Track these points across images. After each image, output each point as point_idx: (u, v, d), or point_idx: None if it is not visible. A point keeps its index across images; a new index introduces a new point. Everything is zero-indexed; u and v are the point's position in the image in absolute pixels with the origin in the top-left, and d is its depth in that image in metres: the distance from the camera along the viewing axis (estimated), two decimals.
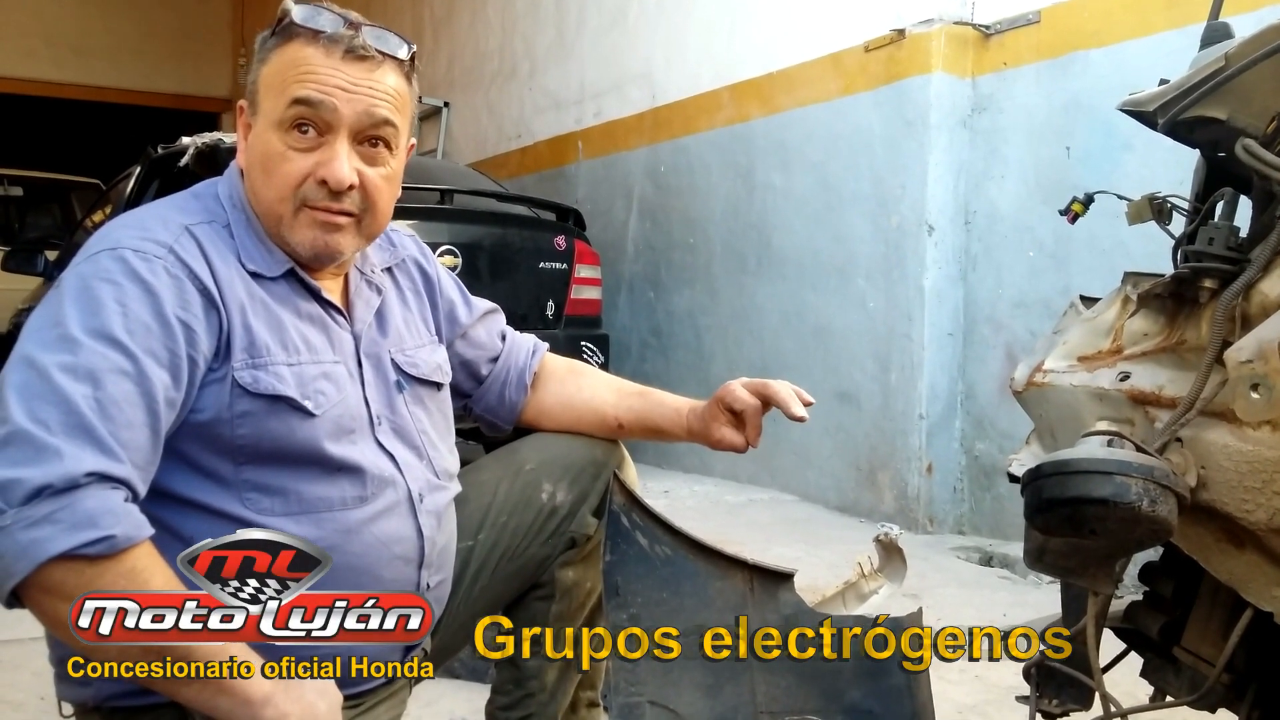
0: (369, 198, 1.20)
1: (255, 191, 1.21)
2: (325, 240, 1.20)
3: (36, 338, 1.05)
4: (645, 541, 1.36)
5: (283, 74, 1.17)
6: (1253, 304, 1.04)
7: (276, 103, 1.17)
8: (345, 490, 1.19)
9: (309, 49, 1.16)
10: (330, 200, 1.18)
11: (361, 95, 1.17)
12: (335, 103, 1.15)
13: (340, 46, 1.16)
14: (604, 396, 1.51)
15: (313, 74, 1.15)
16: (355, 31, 1.17)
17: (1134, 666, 1.35)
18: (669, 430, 1.48)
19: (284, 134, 1.17)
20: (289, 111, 1.16)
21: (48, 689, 1.24)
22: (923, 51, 3.85)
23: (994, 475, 3.74)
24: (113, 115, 11.79)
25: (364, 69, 1.17)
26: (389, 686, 1.28)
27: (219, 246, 1.17)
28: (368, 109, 1.17)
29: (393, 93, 1.20)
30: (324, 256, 1.22)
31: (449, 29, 7.34)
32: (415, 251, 1.45)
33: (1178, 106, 1.09)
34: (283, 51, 1.18)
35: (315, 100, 1.15)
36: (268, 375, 1.14)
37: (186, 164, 4.03)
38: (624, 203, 5.45)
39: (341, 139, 1.17)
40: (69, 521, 0.95)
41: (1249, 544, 1.04)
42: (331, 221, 1.19)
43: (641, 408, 1.50)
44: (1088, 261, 3.40)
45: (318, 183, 1.17)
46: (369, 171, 1.19)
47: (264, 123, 1.18)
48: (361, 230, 1.23)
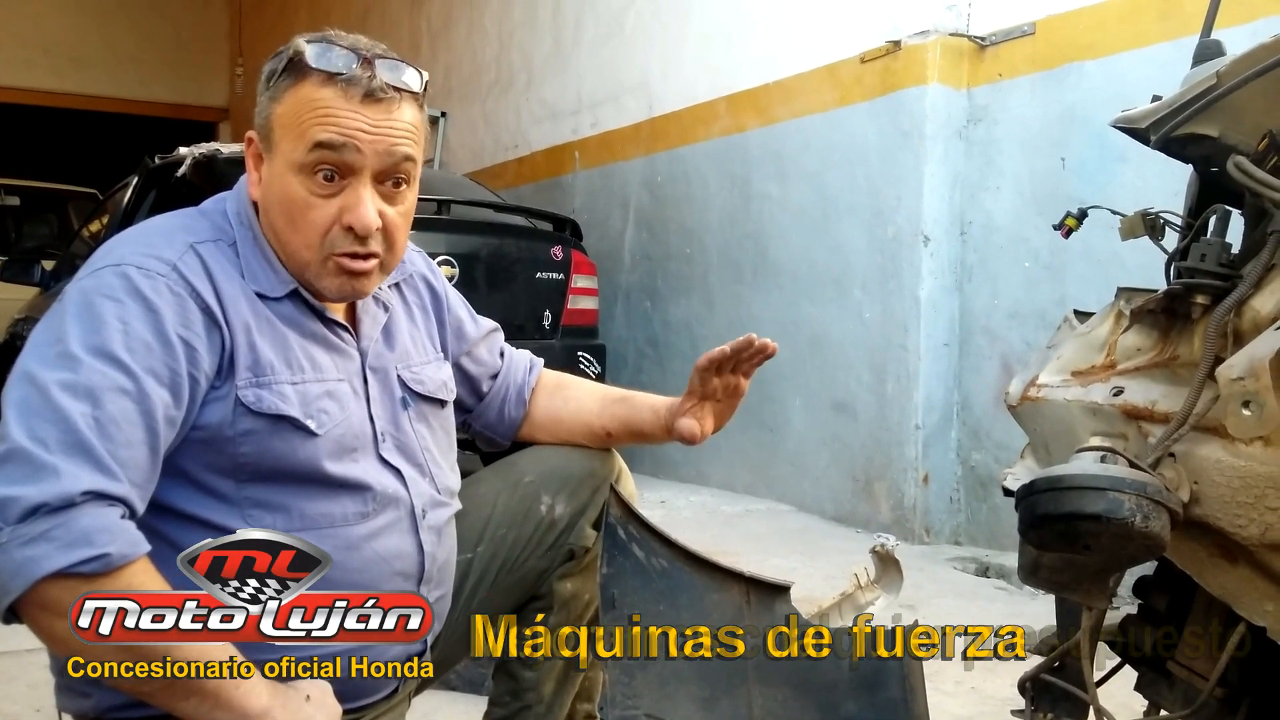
0: (390, 236, 1.20)
1: (277, 233, 1.19)
2: (353, 285, 1.20)
3: (38, 354, 1.05)
4: (642, 554, 1.36)
5: (298, 115, 1.14)
6: (1244, 320, 1.05)
7: (295, 145, 1.15)
8: (347, 506, 1.19)
9: (325, 90, 1.14)
10: (356, 245, 1.17)
11: (382, 136, 1.15)
12: (357, 144, 1.14)
13: (359, 89, 1.14)
14: (590, 408, 1.51)
15: (331, 118, 1.13)
16: (370, 70, 1.14)
17: (1128, 680, 1.35)
18: (650, 433, 1.49)
19: (306, 178, 1.15)
20: (310, 156, 1.14)
21: (43, 701, 1.24)
22: (918, 63, 3.86)
23: (990, 486, 3.74)
24: (110, 125, 11.78)
25: (383, 110, 1.15)
26: (389, 701, 1.28)
27: (224, 265, 1.17)
28: (389, 149, 1.16)
29: (411, 128, 1.19)
30: (349, 298, 1.24)
31: (446, 39, 7.36)
32: (424, 268, 1.44)
33: (1170, 124, 1.10)
34: (297, 91, 1.15)
35: (337, 144, 1.13)
36: (271, 394, 1.14)
37: (184, 174, 4.03)
38: (620, 213, 5.46)
39: (364, 183, 1.16)
40: (64, 539, 0.95)
41: (1241, 559, 1.04)
42: (358, 269, 1.19)
43: (625, 414, 1.50)
44: (1083, 273, 3.41)
45: (344, 229, 1.16)
46: (390, 211, 1.19)
47: (282, 164, 1.16)
48: (384, 268, 1.23)
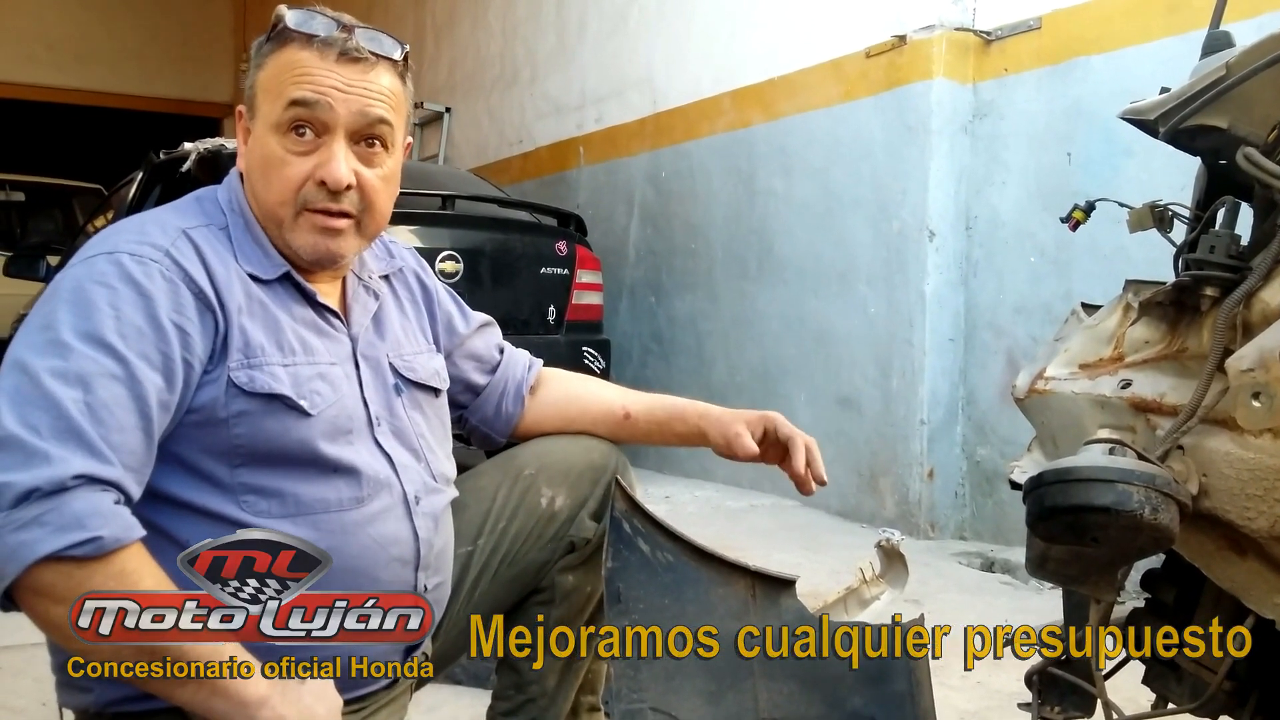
0: (367, 197, 1.22)
1: (256, 195, 1.22)
2: (326, 245, 1.21)
3: (29, 341, 1.06)
4: (647, 548, 1.36)
5: (278, 77, 1.19)
6: (1254, 312, 1.04)
7: (273, 106, 1.18)
8: (342, 491, 1.19)
9: (304, 52, 1.18)
10: (329, 201, 1.20)
11: (356, 95, 1.19)
12: (330, 102, 1.17)
13: (334, 49, 1.18)
14: (609, 391, 1.55)
15: (308, 76, 1.17)
16: (349, 34, 1.19)
17: (1136, 673, 1.35)
18: (678, 414, 1.50)
19: (282, 137, 1.18)
20: (286, 114, 1.17)
21: (49, 695, 1.24)
22: (924, 57, 3.85)
23: (995, 480, 3.73)
24: (114, 120, 11.79)
25: (358, 70, 1.19)
26: (390, 691, 1.28)
27: (217, 249, 1.18)
28: (363, 109, 1.19)
29: (387, 92, 1.22)
30: (325, 260, 1.23)
31: (450, 34, 7.35)
32: (413, 263, 1.47)
33: (1179, 115, 1.09)
34: (278, 56, 1.20)
35: (311, 101, 1.17)
36: (263, 375, 1.15)
37: (188, 169, 4.03)
38: (625, 208, 5.45)
39: (338, 139, 1.19)
40: (56, 524, 0.96)
41: (1250, 551, 1.04)
42: (331, 226, 1.21)
43: (650, 398, 1.53)
44: (1089, 267, 3.40)
45: (316, 184, 1.19)
46: (366, 172, 1.21)
47: (262, 126, 1.20)
48: (361, 231, 1.24)
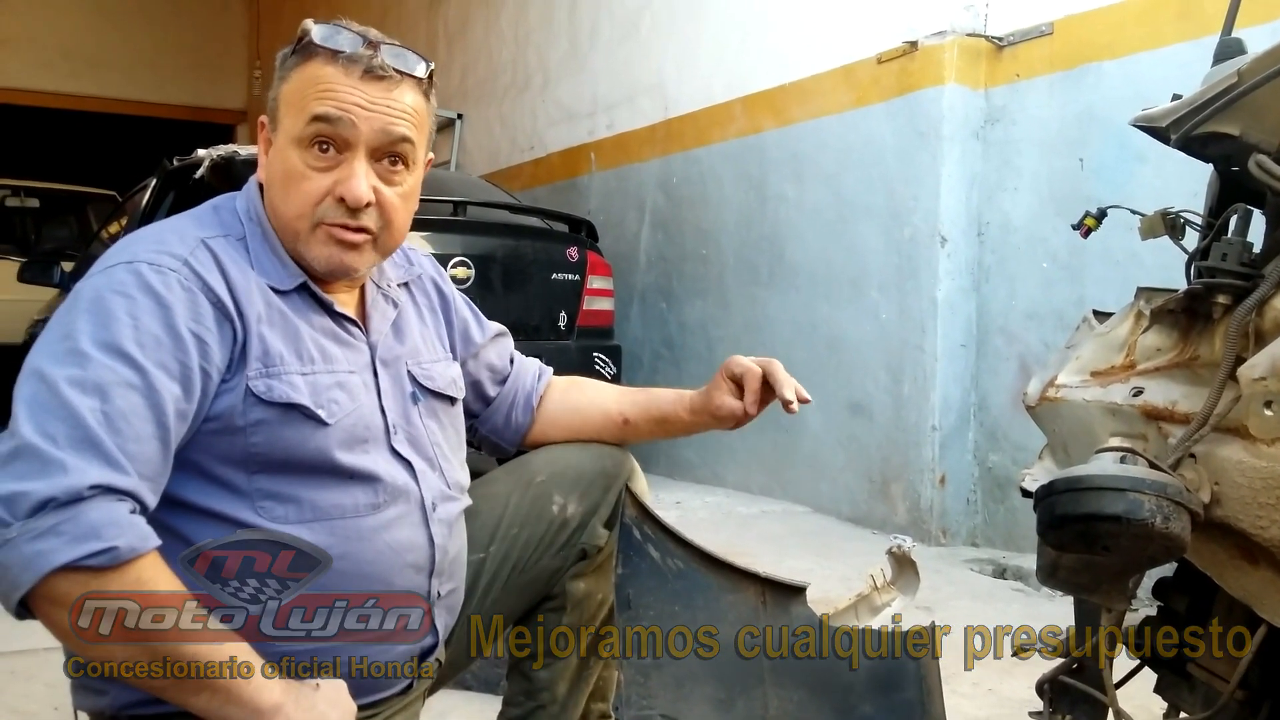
0: (385, 215, 1.22)
1: (274, 207, 1.22)
2: (341, 258, 1.21)
3: (48, 350, 1.06)
4: (657, 555, 1.36)
5: (302, 91, 1.19)
6: (1266, 320, 1.04)
7: (296, 120, 1.19)
8: (358, 498, 1.20)
9: (328, 68, 1.18)
10: (348, 218, 1.19)
11: (379, 113, 1.18)
12: (353, 119, 1.17)
13: (359, 66, 1.18)
14: (607, 397, 1.55)
15: (331, 92, 1.17)
16: (374, 51, 1.19)
17: (1148, 682, 1.34)
18: (672, 414, 1.50)
19: (303, 151, 1.18)
20: (308, 129, 1.18)
21: (61, 699, 1.25)
22: (935, 63, 3.85)
23: (1007, 487, 3.72)
24: (128, 127, 11.86)
25: (382, 88, 1.19)
26: (403, 697, 1.28)
27: (235, 259, 1.18)
28: (385, 126, 1.19)
29: (410, 110, 1.21)
30: (338, 272, 1.23)
31: (463, 41, 7.38)
32: (432, 271, 1.47)
33: (1191, 122, 1.09)
34: (302, 70, 1.20)
35: (333, 117, 1.17)
36: (281, 384, 1.15)
37: (202, 176, 4.05)
38: (636, 214, 5.46)
39: (359, 157, 1.19)
40: (72, 533, 0.96)
41: (1263, 560, 1.03)
42: (347, 240, 1.21)
43: (644, 400, 1.53)
44: (1101, 273, 3.39)
45: (335, 200, 1.19)
46: (386, 190, 1.21)
47: (284, 139, 1.20)
48: (378, 247, 1.24)
